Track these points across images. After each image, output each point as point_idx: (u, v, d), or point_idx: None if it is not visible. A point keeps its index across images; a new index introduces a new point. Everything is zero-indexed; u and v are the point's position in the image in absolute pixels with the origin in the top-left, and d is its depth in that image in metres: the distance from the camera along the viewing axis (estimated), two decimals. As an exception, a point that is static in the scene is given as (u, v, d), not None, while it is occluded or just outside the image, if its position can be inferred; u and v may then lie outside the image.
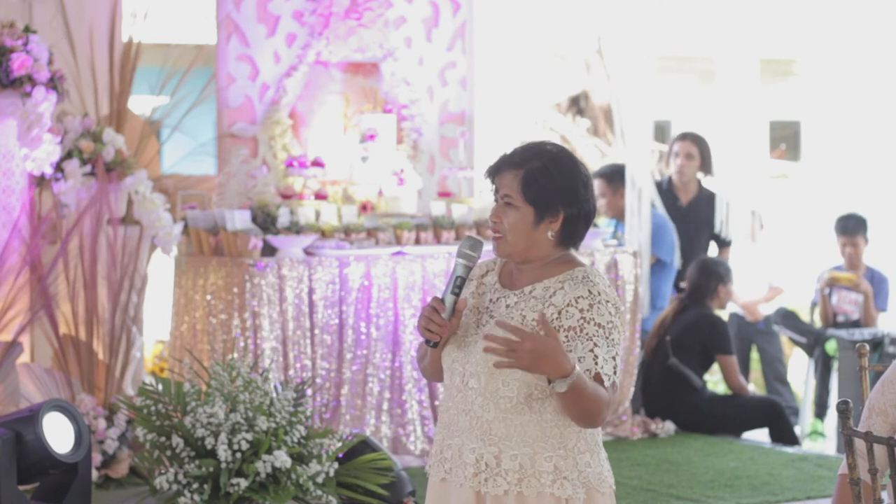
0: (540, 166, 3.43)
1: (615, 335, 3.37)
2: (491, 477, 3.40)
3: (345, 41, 8.36)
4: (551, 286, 3.42)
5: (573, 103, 14.02)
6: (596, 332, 3.35)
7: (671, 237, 9.41)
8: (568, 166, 3.45)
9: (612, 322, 3.37)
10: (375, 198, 8.28)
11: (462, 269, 3.47)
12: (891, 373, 3.84)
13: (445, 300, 3.45)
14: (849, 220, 9.68)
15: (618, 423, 8.51)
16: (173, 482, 6.12)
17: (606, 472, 3.48)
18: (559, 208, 3.43)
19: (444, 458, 3.50)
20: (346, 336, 7.65)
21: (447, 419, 3.51)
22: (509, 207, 3.45)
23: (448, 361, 3.51)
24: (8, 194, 7.26)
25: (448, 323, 3.45)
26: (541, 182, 3.42)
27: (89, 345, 7.27)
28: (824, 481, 7.33)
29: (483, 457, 3.41)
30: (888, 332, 9.06)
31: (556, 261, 3.48)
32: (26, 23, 7.50)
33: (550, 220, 3.44)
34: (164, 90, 8.15)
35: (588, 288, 3.38)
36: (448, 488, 3.49)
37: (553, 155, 3.46)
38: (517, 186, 3.43)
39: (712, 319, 8.97)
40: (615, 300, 3.41)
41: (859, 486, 3.61)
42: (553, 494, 3.39)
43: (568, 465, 3.40)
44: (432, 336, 3.46)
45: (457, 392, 3.48)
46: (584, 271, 3.44)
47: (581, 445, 3.42)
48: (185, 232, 7.82)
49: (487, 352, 3.26)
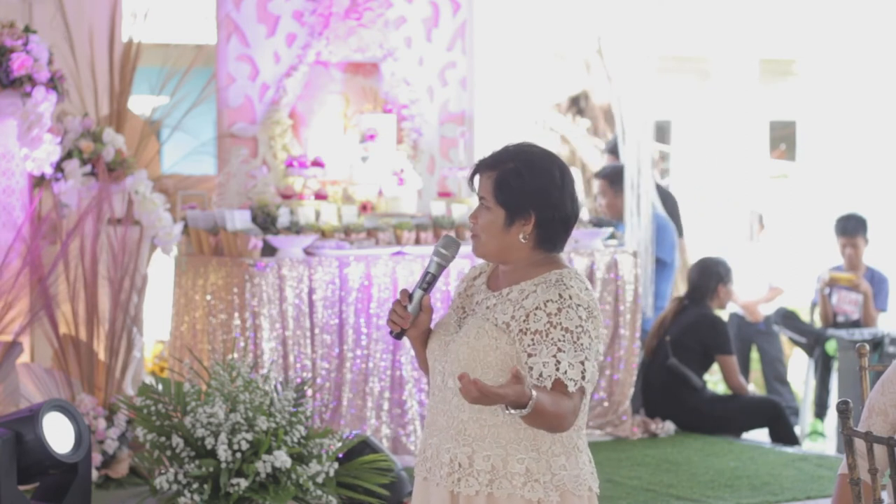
0: (513, 168, 3.42)
1: (584, 339, 3.32)
2: (464, 477, 3.40)
3: (345, 41, 8.36)
4: (526, 289, 3.42)
5: (573, 103, 14.01)
6: (562, 337, 3.31)
7: (671, 237, 9.41)
8: (543, 169, 3.43)
9: (582, 326, 3.33)
10: (375, 198, 8.28)
11: (435, 267, 3.50)
12: (891, 373, 3.85)
13: (413, 294, 3.48)
14: (849, 221, 9.68)
15: (618, 423, 8.51)
16: (173, 482, 6.12)
17: (586, 474, 3.44)
18: (530, 211, 3.42)
19: (426, 457, 3.52)
20: (346, 336, 7.65)
21: (429, 418, 3.53)
22: (484, 209, 3.46)
23: (431, 360, 3.53)
24: (8, 194, 7.26)
25: (409, 315, 3.47)
26: (512, 184, 3.41)
27: (89, 345, 7.27)
28: (824, 481, 7.33)
29: (457, 456, 3.41)
30: (888, 332, 9.06)
31: (535, 263, 3.46)
32: (26, 23, 7.51)
33: (522, 223, 3.42)
34: (164, 90, 8.15)
35: (559, 292, 3.35)
36: (428, 488, 3.50)
37: (528, 157, 3.44)
38: (490, 188, 3.44)
39: (712, 319, 8.98)
40: (588, 304, 3.36)
41: (859, 486, 3.61)
42: (523, 497, 3.37)
43: (540, 468, 3.38)
44: (394, 326, 3.50)
45: (438, 391, 3.50)
46: (559, 274, 3.41)
47: (556, 448, 3.40)
48: (185, 232, 7.83)
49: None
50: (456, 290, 3.61)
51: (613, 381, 8.51)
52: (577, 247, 8.41)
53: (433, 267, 3.50)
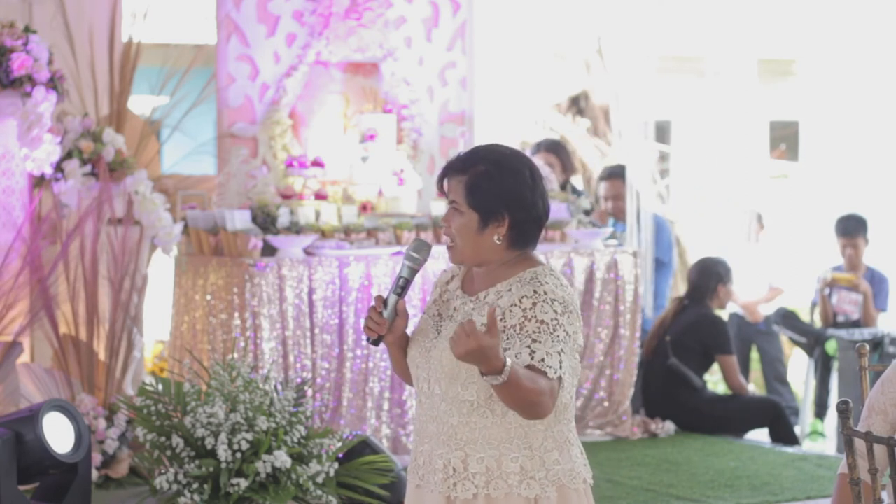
0: (483, 171, 3.41)
1: (560, 332, 3.32)
2: (459, 481, 3.40)
3: (345, 41, 8.36)
4: (501, 290, 3.42)
5: (573, 103, 14.01)
6: (537, 329, 3.32)
7: (669, 237, 9.41)
8: (514, 170, 3.42)
9: (557, 320, 3.33)
10: (375, 198, 8.28)
11: (407, 271, 3.50)
12: (891, 372, 3.85)
13: (388, 299, 3.48)
14: (849, 222, 9.68)
15: (618, 423, 8.51)
16: (173, 482, 6.12)
17: (580, 467, 3.45)
18: (504, 213, 3.41)
19: (418, 464, 3.53)
20: (346, 336, 7.65)
21: (419, 426, 3.53)
22: (456, 213, 3.45)
23: (413, 368, 3.53)
24: (8, 194, 7.26)
25: (385, 321, 3.47)
26: (484, 187, 3.40)
27: (89, 345, 7.27)
28: (824, 481, 7.33)
29: (451, 462, 3.41)
30: (888, 332, 9.06)
31: (509, 263, 3.46)
32: (26, 23, 7.51)
33: (496, 225, 3.42)
34: (164, 90, 8.15)
35: (534, 288, 3.36)
36: (423, 495, 3.51)
37: (497, 159, 3.43)
38: (462, 192, 3.43)
39: (712, 319, 8.98)
40: (564, 299, 3.36)
41: (859, 485, 3.61)
42: (521, 495, 3.38)
43: (535, 465, 3.39)
44: (371, 333, 3.49)
45: (425, 399, 3.49)
46: (533, 272, 3.41)
47: (548, 444, 3.40)
48: (185, 232, 7.83)
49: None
50: (431, 297, 3.60)
51: (613, 381, 8.51)
52: (577, 247, 8.41)
53: (405, 271, 3.49)
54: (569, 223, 8.40)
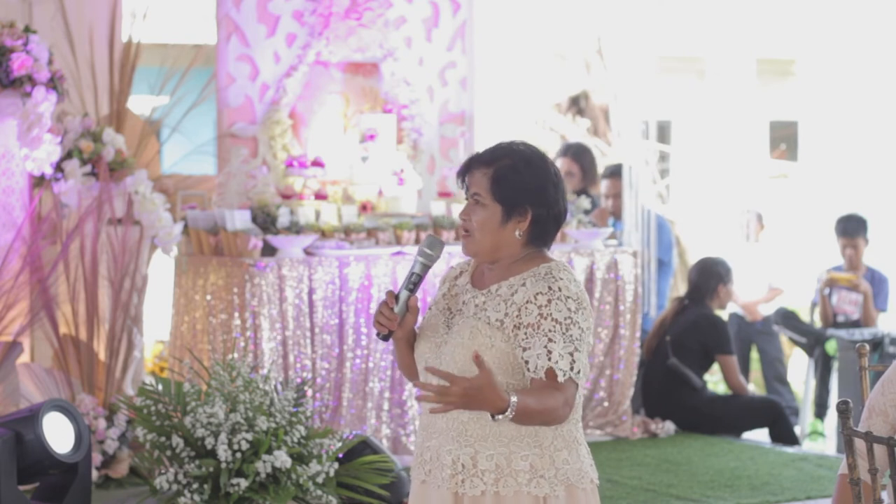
0: (510, 165, 3.43)
1: (574, 331, 3.34)
2: (468, 478, 3.40)
3: (345, 41, 8.36)
4: (515, 284, 3.42)
5: (573, 103, 14.01)
6: (552, 328, 3.33)
7: (669, 237, 9.41)
8: (539, 166, 3.44)
9: (571, 318, 3.34)
10: (375, 198, 8.28)
11: (420, 267, 3.50)
12: (891, 373, 3.84)
13: (399, 295, 3.48)
14: (849, 222, 9.67)
15: (618, 423, 8.51)
16: (173, 482, 6.12)
17: (587, 467, 3.46)
18: (527, 207, 3.43)
19: (424, 460, 3.51)
20: (346, 336, 7.65)
21: (426, 421, 3.52)
22: (478, 206, 3.45)
23: (422, 363, 3.52)
24: (8, 194, 7.26)
25: (396, 316, 3.47)
26: (510, 180, 3.42)
27: (89, 345, 7.27)
28: (824, 481, 7.33)
29: (460, 458, 3.41)
30: (888, 332, 9.06)
31: (523, 259, 3.47)
32: (26, 23, 7.51)
33: (518, 220, 3.43)
34: (163, 90, 8.15)
35: (548, 284, 3.37)
36: (428, 490, 3.49)
37: (524, 154, 3.45)
38: (486, 184, 3.43)
39: (712, 319, 8.98)
40: (577, 296, 3.37)
41: (859, 486, 3.61)
42: (530, 493, 3.38)
43: (544, 464, 3.39)
44: (381, 328, 3.49)
45: None
46: (547, 267, 3.42)
47: (558, 443, 3.41)
48: (185, 232, 7.82)
49: (420, 400, 3.28)
50: (439, 292, 3.60)
51: (613, 381, 8.51)
52: (577, 247, 8.41)
53: (418, 267, 3.50)
54: (569, 223, 8.41)
